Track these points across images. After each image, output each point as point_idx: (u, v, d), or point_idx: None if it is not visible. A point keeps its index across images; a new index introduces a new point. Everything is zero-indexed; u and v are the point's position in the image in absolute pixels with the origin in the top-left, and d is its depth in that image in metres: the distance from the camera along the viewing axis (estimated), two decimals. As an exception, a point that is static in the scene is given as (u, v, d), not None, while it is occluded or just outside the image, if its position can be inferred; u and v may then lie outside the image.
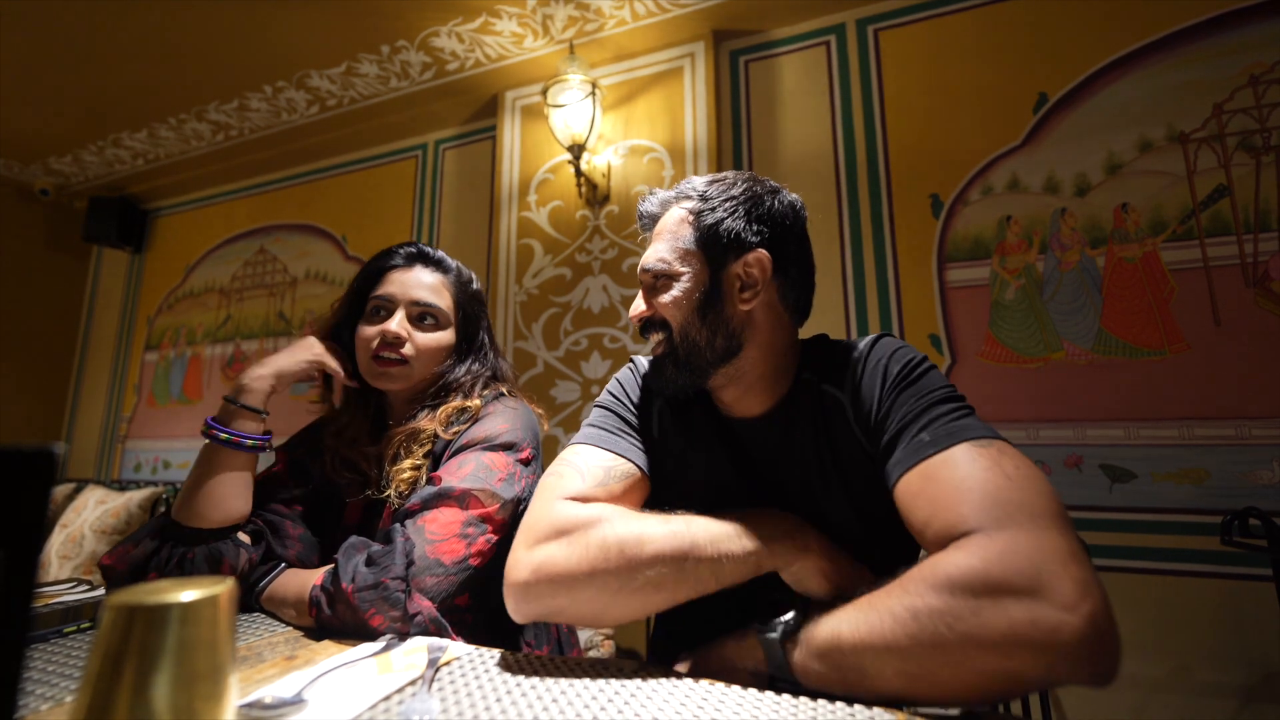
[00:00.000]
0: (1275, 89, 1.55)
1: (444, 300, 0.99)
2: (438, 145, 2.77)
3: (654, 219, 0.81)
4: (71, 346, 3.58)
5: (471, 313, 1.03)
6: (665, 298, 0.74)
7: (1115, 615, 0.45)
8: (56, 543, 2.33)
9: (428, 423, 0.92)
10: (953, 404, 0.62)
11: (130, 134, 2.89)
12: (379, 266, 0.99)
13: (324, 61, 2.38)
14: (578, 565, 0.60)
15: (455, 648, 0.65)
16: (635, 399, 0.82)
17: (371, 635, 0.70)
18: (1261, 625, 1.37)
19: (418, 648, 0.64)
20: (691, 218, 0.75)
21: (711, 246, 0.74)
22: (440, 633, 0.72)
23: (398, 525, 0.78)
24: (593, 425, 0.79)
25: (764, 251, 0.73)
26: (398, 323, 0.94)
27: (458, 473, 0.83)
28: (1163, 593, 1.47)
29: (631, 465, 0.74)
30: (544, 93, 2.09)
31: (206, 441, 0.87)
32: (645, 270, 0.77)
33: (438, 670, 0.58)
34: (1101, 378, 1.61)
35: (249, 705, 0.49)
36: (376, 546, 0.76)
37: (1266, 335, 1.48)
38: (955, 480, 0.54)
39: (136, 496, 2.39)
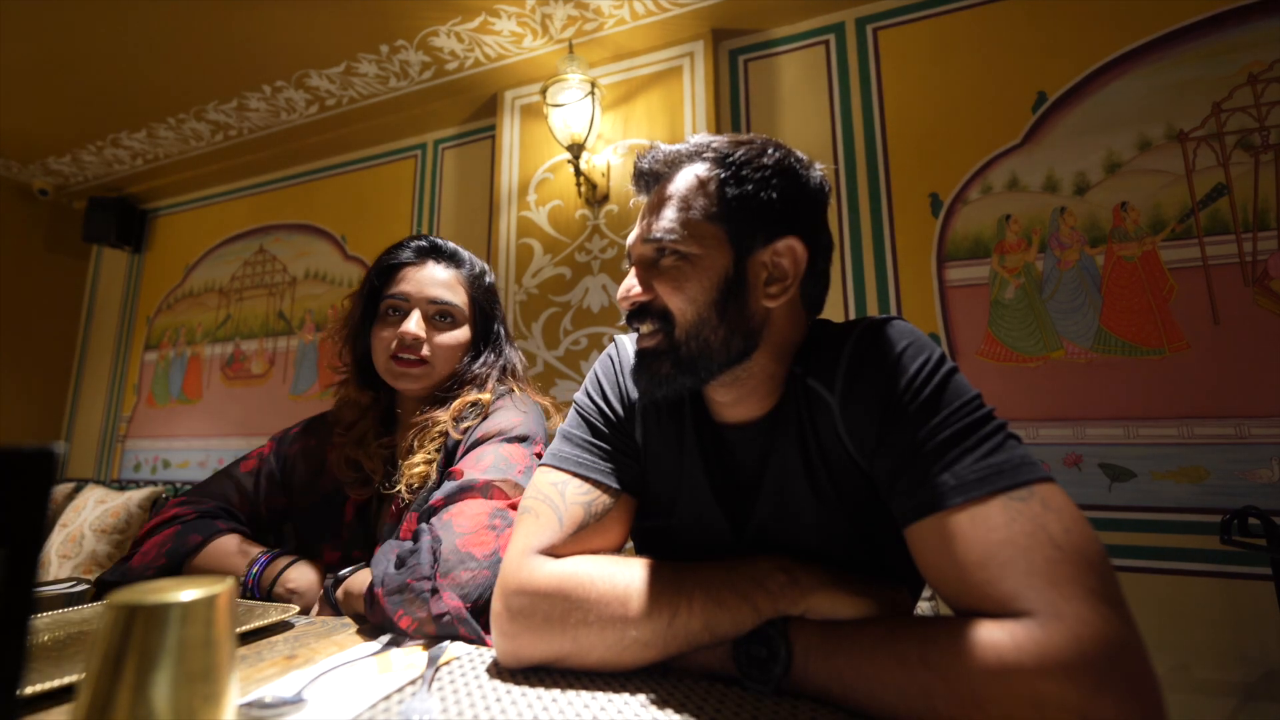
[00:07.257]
0: (1274, 87, 1.55)
1: (460, 297, 0.96)
2: (437, 145, 2.77)
3: (656, 178, 0.67)
4: (71, 346, 3.58)
5: (486, 307, 1.00)
6: (675, 282, 0.61)
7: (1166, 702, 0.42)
8: (56, 542, 2.33)
9: (441, 415, 0.91)
10: (980, 431, 0.52)
11: (129, 134, 2.88)
12: (391, 263, 0.95)
13: (323, 61, 2.37)
14: (560, 634, 0.56)
15: (455, 648, 0.65)
16: (617, 394, 0.72)
17: (407, 637, 0.69)
18: (1260, 624, 1.37)
19: (418, 647, 0.64)
20: (713, 185, 0.62)
21: (738, 225, 0.61)
22: (470, 635, 0.67)
23: (424, 524, 0.76)
24: (570, 440, 0.71)
25: (797, 240, 0.62)
26: (415, 324, 0.91)
27: (478, 465, 0.81)
28: (1162, 591, 1.47)
29: (614, 490, 0.67)
30: (543, 92, 2.09)
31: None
32: (650, 241, 0.63)
33: (438, 670, 0.58)
34: (1101, 377, 1.61)
35: (249, 704, 0.49)
36: (408, 545, 0.74)
37: (1265, 334, 1.48)
38: (991, 544, 0.47)
39: (136, 496, 2.39)
